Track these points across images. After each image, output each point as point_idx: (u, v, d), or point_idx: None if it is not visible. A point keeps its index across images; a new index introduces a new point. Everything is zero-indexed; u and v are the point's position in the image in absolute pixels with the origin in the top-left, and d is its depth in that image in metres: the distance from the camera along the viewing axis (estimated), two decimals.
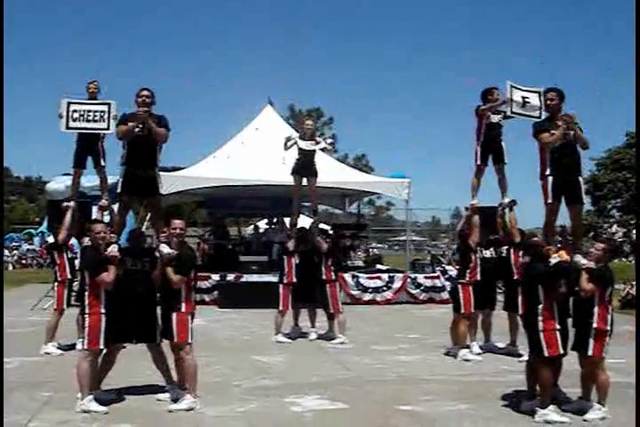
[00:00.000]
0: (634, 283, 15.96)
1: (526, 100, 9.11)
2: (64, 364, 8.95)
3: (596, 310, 6.90)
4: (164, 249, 7.38)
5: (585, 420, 6.82)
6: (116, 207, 10.69)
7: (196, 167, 20.77)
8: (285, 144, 12.45)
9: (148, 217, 16.55)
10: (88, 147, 10.26)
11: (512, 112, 9.18)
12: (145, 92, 8.19)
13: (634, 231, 28.32)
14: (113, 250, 7.19)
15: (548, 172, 7.74)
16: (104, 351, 7.35)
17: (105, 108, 9.25)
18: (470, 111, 10.42)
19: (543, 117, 8.45)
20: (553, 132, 7.70)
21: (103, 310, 7.06)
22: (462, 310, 10.25)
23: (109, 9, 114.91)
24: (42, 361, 9.65)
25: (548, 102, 8.01)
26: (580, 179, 7.96)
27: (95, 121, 9.21)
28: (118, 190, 8.25)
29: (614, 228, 24.51)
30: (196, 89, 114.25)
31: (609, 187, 43.13)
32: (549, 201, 7.75)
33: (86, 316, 7.10)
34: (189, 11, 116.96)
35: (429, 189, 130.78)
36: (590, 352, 6.90)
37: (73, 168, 10.50)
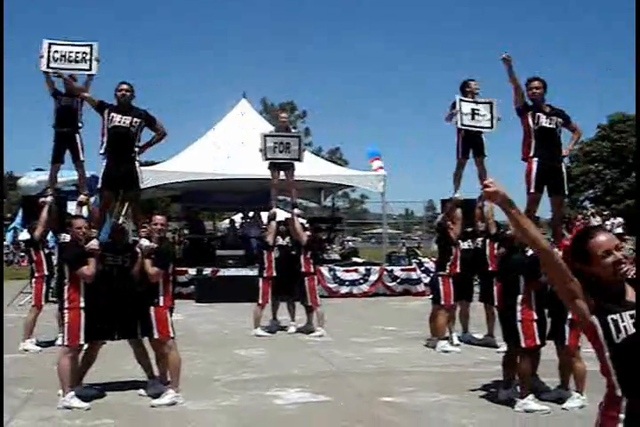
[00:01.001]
0: None
1: (475, 111, 9.40)
2: (43, 360, 8.93)
3: None
4: (144, 242, 7.38)
5: (564, 408, 6.93)
6: (93, 202, 10.67)
7: (171, 162, 20.68)
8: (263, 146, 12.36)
9: (123, 211, 16.47)
10: (66, 141, 10.16)
11: (462, 124, 9.49)
12: (124, 86, 8.19)
13: (606, 222, 28.57)
14: (93, 244, 7.15)
15: (532, 153, 7.80)
16: (85, 347, 7.33)
17: (87, 49, 9.20)
18: (446, 103, 10.44)
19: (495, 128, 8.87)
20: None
21: (82, 305, 7.03)
22: (442, 302, 10.33)
23: (110, 6, 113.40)
24: (21, 358, 9.58)
25: (534, 91, 8.04)
26: (564, 168, 8.03)
27: (77, 61, 9.15)
28: (99, 185, 8.22)
29: (597, 218, 24.69)
30: (169, 84, 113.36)
31: (581, 179, 43.64)
32: (531, 191, 7.81)
33: (65, 311, 7.08)
34: (160, 5, 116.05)
35: (403, 182, 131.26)
36: (567, 342, 7.00)
37: (51, 163, 10.38)
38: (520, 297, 6.98)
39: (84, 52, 9.12)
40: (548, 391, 7.42)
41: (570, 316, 6.95)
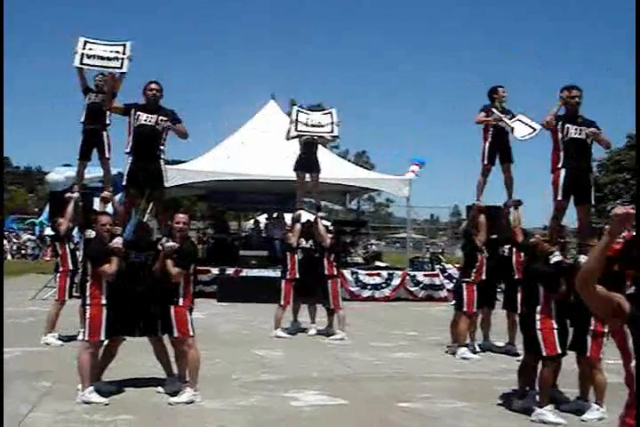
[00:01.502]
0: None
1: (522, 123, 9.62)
2: (64, 355, 9.00)
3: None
4: (167, 242, 7.41)
5: (583, 420, 6.86)
6: (118, 199, 10.75)
7: (198, 161, 20.79)
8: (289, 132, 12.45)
9: (148, 209, 16.56)
10: (93, 139, 10.27)
11: (521, 137, 9.63)
12: (154, 86, 8.26)
13: (632, 233, 28.23)
14: (117, 242, 7.20)
15: (560, 165, 7.73)
16: (105, 343, 7.38)
17: (120, 48, 9.31)
18: (472, 110, 10.46)
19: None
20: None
21: (104, 302, 7.08)
22: (465, 309, 10.28)
23: (110, 6, 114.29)
24: (42, 351, 9.68)
25: (571, 101, 7.92)
26: (591, 178, 7.95)
27: (109, 59, 9.26)
28: (124, 182, 8.29)
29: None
30: (199, 84, 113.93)
31: (609, 188, 43.24)
32: (559, 198, 7.74)
33: (87, 307, 7.13)
34: (190, 9, 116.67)
35: (429, 188, 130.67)
36: (588, 353, 6.94)
37: (78, 160, 10.51)
38: (539, 306, 6.93)
39: (117, 51, 9.21)
40: (568, 402, 7.36)
41: (592, 327, 6.90)
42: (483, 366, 9.60)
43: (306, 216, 13.36)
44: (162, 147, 8.27)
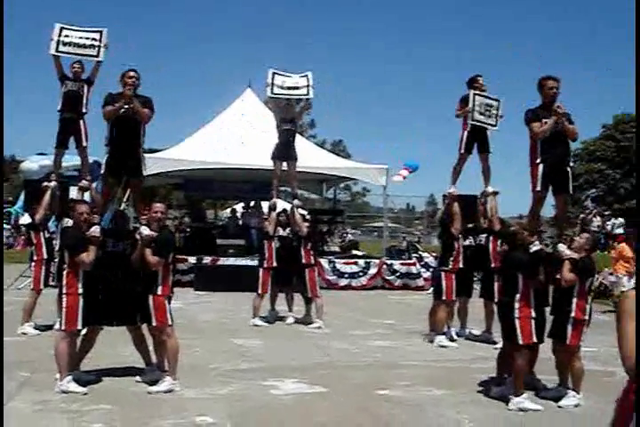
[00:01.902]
0: (605, 273, 16.09)
1: (487, 108, 9.64)
2: (42, 344, 8.93)
3: (574, 300, 6.99)
4: (145, 231, 7.37)
5: (559, 406, 6.94)
6: (95, 187, 10.67)
7: (174, 149, 20.66)
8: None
9: (124, 198, 16.46)
10: (70, 127, 10.17)
11: (472, 119, 9.67)
12: (132, 73, 8.18)
13: (607, 223, 28.53)
14: (95, 230, 7.14)
15: (538, 160, 7.75)
16: (83, 332, 7.34)
17: (97, 35, 9.25)
18: (448, 99, 10.51)
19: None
20: (545, 120, 7.68)
21: (81, 291, 7.03)
22: (444, 297, 10.32)
23: None
24: (19, 341, 9.59)
25: (551, 90, 7.90)
26: (569, 169, 7.97)
27: (86, 47, 9.17)
28: (102, 171, 8.22)
29: (598, 219, 24.74)
30: (175, 71, 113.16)
31: (584, 178, 43.59)
32: (537, 189, 7.76)
33: (64, 296, 7.08)
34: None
35: (404, 180, 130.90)
36: (568, 341, 7.00)
37: (55, 148, 10.41)
38: (518, 294, 6.97)
39: (93, 38, 9.16)
40: (547, 390, 7.43)
41: (573, 314, 6.96)
42: (460, 354, 9.67)
43: (282, 205, 13.36)
44: (141, 135, 8.20)
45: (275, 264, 11.95)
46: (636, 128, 34.45)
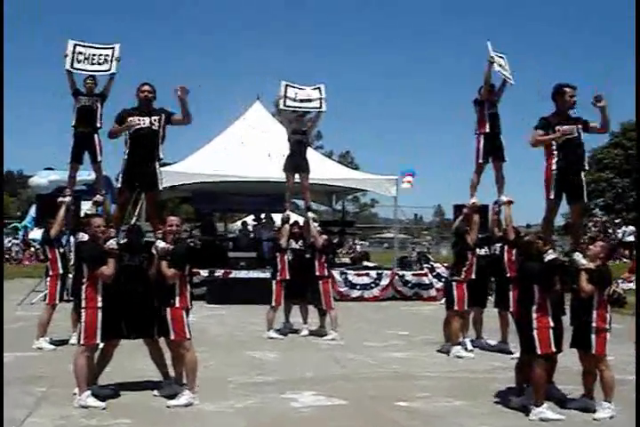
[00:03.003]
0: (618, 281, 16.05)
1: (502, 65, 10.19)
2: (57, 359, 8.95)
3: (595, 310, 6.91)
4: (160, 244, 7.38)
5: (595, 419, 6.77)
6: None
7: (183, 163, 20.69)
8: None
9: (136, 212, 16.49)
10: (85, 142, 10.21)
11: (495, 69, 10.12)
12: (147, 87, 8.22)
13: (617, 231, 28.45)
14: (112, 243, 7.15)
15: (553, 167, 7.70)
16: (100, 346, 7.33)
17: (109, 51, 9.38)
18: (453, 110, 10.54)
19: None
20: (551, 136, 7.68)
21: (100, 304, 7.01)
22: (455, 307, 10.28)
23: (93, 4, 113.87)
24: (34, 356, 9.59)
25: (572, 98, 7.84)
26: (583, 177, 7.91)
27: (99, 64, 9.32)
28: (119, 185, 8.24)
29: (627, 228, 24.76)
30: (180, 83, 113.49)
31: (592, 186, 43.47)
32: (551, 197, 7.72)
33: (83, 310, 7.05)
34: (176, 5, 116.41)
35: (413, 187, 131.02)
36: (594, 350, 6.92)
37: (69, 163, 10.43)
38: (535, 305, 6.92)
39: (106, 55, 9.21)
40: (573, 400, 7.33)
41: (594, 324, 6.88)
42: (477, 365, 9.60)
43: (293, 217, 13.35)
44: (159, 148, 8.22)
45: (287, 277, 11.91)
46: (636, 128, 34.30)
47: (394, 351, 10.49)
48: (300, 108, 12.43)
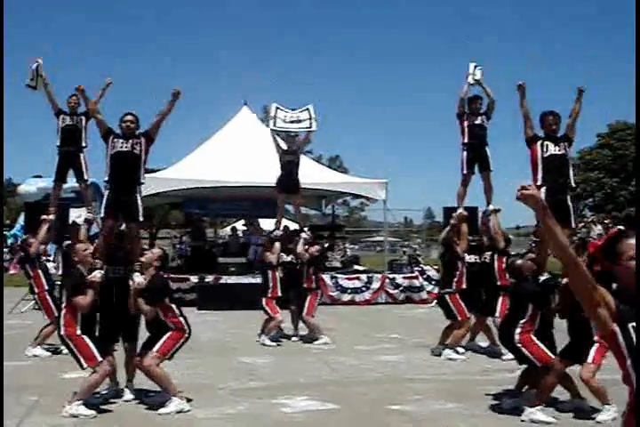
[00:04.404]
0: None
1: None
2: (49, 368, 8.91)
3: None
4: (137, 278, 7.44)
5: (598, 422, 6.71)
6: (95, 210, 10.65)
7: (172, 169, 20.67)
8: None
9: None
10: (70, 160, 10.19)
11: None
12: (129, 117, 8.32)
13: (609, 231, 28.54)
14: (95, 275, 7.12)
15: (539, 182, 7.73)
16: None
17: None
18: (443, 113, 10.66)
19: None
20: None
21: (79, 332, 6.97)
22: (459, 318, 10.26)
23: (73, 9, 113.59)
24: (26, 365, 9.52)
25: (550, 128, 8.05)
26: (569, 200, 7.95)
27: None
28: (101, 215, 8.26)
29: (599, 227, 24.71)
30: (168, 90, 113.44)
31: (581, 187, 43.66)
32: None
33: (66, 339, 7.01)
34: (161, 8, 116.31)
35: (401, 190, 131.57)
36: (591, 359, 6.86)
37: (54, 182, 10.41)
38: (522, 321, 6.97)
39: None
40: (565, 402, 7.29)
41: (596, 338, 6.82)
42: (468, 367, 9.60)
43: (283, 222, 13.29)
44: (140, 172, 8.26)
45: (279, 294, 11.89)
46: (636, 128, 34.41)
47: (385, 355, 10.47)
48: (290, 129, 12.53)
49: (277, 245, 12.10)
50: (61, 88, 10.73)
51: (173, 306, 7.47)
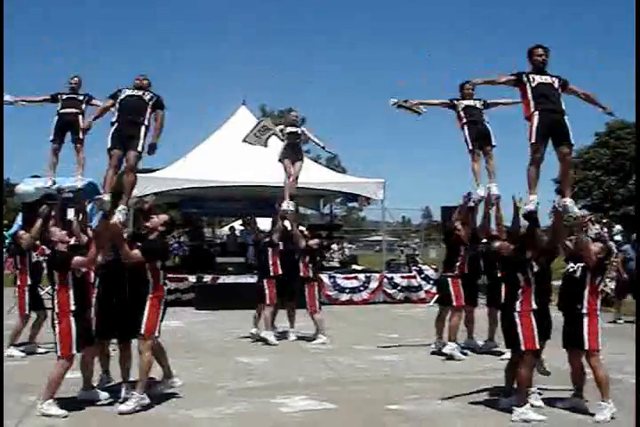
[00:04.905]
0: (606, 280, 16.08)
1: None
2: (48, 368, 8.81)
3: (586, 296, 6.88)
4: (116, 215, 7.62)
5: (597, 422, 6.69)
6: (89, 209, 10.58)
7: (170, 169, 20.62)
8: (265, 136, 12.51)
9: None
10: (69, 122, 10.00)
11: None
12: (144, 79, 8.47)
13: (605, 229, 28.46)
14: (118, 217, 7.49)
15: (532, 109, 7.58)
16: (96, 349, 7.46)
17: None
18: (441, 112, 10.43)
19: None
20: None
21: (73, 308, 6.96)
22: (454, 303, 10.24)
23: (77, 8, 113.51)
24: (23, 365, 9.55)
25: (537, 58, 7.77)
26: (566, 119, 7.64)
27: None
28: (108, 146, 8.20)
29: (597, 226, 24.67)
30: (166, 90, 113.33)
31: (579, 185, 43.65)
32: (533, 141, 7.46)
33: (55, 317, 7.00)
34: (158, 8, 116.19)
35: (400, 190, 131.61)
36: (586, 346, 6.86)
37: (51, 141, 10.06)
38: (518, 301, 6.93)
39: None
40: (563, 400, 7.32)
41: (585, 311, 6.85)
42: (467, 366, 9.61)
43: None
44: (146, 115, 8.27)
45: (280, 271, 11.78)
46: (636, 128, 34.38)
47: (383, 354, 10.48)
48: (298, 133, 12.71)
49: (280, 224, 12.08)
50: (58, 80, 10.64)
51: (162, 272, 7.41)
